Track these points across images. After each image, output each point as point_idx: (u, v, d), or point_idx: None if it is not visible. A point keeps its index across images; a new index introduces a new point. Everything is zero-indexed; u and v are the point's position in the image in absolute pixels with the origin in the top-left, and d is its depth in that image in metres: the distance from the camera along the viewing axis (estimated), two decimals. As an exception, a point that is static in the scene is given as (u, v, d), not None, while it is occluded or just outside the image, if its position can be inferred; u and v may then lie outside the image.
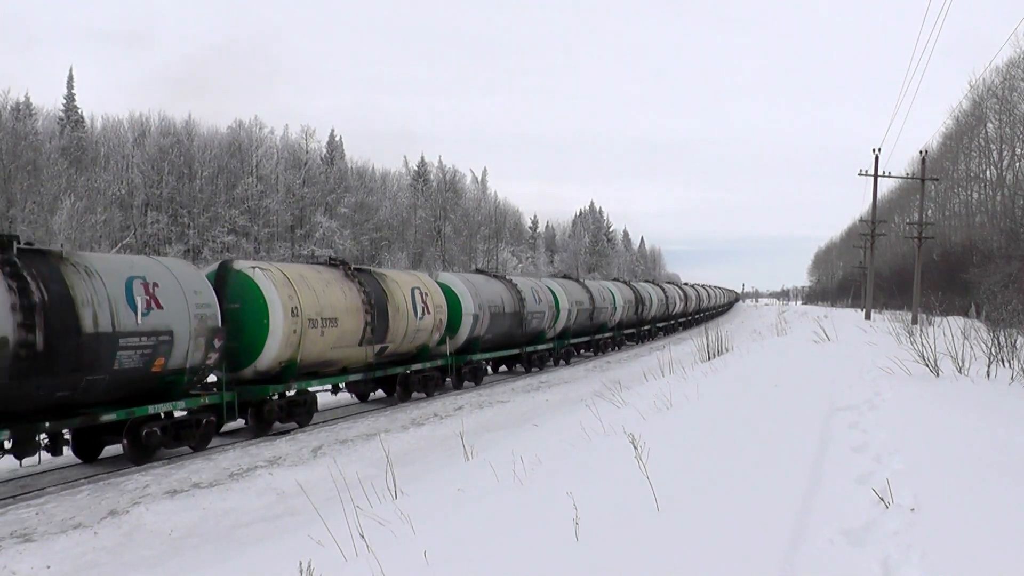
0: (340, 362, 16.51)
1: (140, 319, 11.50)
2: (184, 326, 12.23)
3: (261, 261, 16.65)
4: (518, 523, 5.52)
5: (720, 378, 13.90)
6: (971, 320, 25.02)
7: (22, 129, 54.66)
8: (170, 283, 12.28)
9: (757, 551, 4.09)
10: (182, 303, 12.31)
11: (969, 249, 46.44)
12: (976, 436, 7.02)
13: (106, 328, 10.93)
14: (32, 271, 10.21)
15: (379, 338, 17.28)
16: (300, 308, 14.70)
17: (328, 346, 15.65)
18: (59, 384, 10.46)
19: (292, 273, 15.27)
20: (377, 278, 18.23)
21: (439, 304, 19.96)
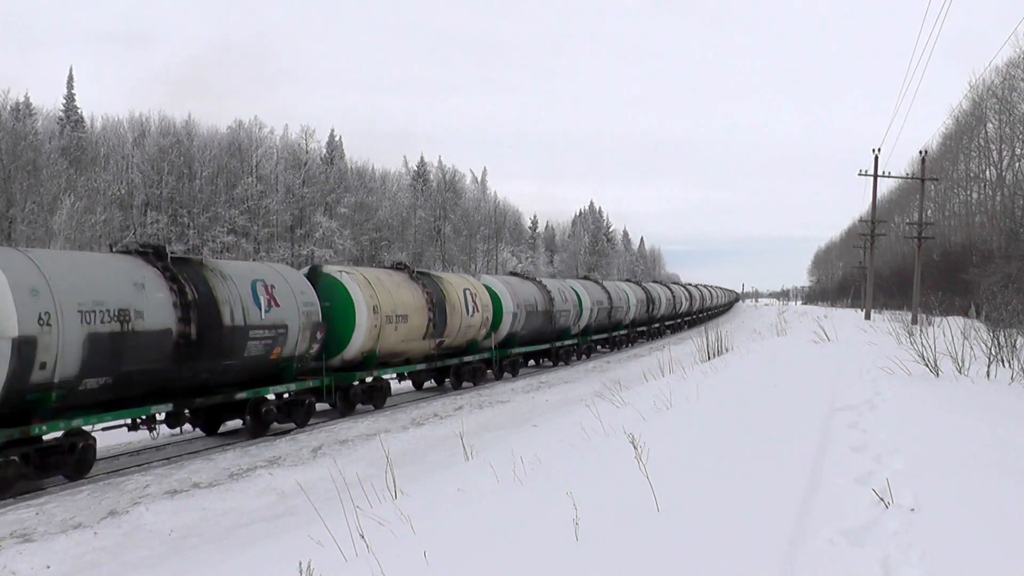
0: (407, 353, 19.00)
1: (263, 315, 13.78)
2: (296, 321, 14.57)
3: (346, 266, 19.56)
4: (518, 523, 5.52)
5: (720, 378, 13.91)
6: (971, 320, 25.03)
7: (22, 129, 54.66)
8: (283, 285, 14.62)
9: (757, 551, 4.09)
10: (293, 302, 14.65)
11: (969, 249, 46.46)
12: (976, 436, 7.02)
13: (240, 322, 13.23)
14: (184, 275, 12.47)
15: (439, 333, 19.81)
16: (379, 306, 17.17)
17: (400, 339, 18.13)
18: (205, 367, 12.71)
19: (371, 276, 17.89)
20: (436, 280, 20.73)
21: (486, 303, 22.55)
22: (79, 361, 10.37)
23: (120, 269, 11.72)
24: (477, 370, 22.30)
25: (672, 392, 11.52)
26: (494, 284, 24.12)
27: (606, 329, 34.84)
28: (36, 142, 55.32)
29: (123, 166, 65.35)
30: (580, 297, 30.63)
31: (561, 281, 31.63)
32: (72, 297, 10.37)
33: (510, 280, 25.54)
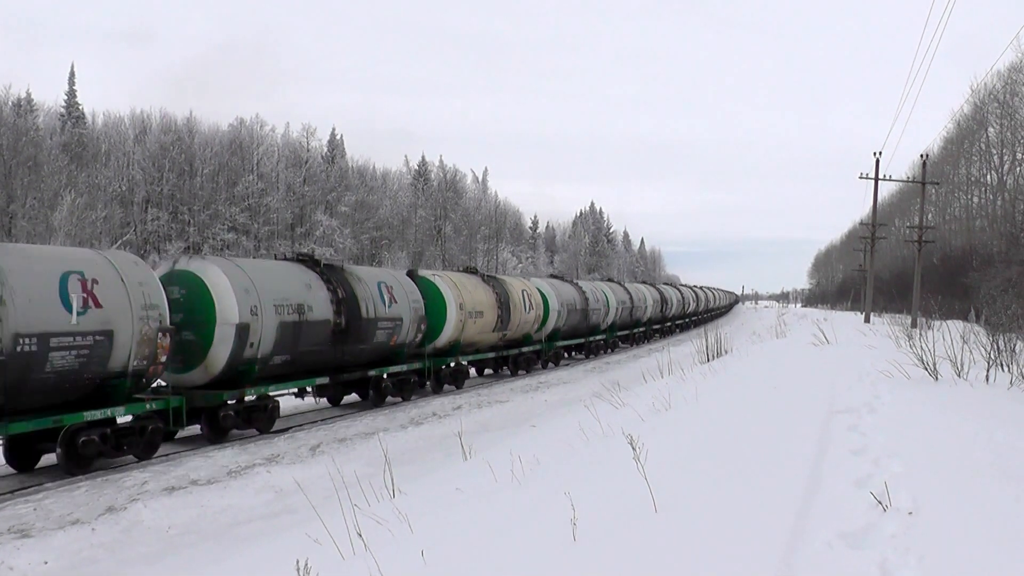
0: (480, 344, 22.70)
1: (387, 310, 17.35)
2: (408, 315, 18.17)
3: (440, 271, 22.79)
4: (516, 523, 5.51)
5: (719, 380, 13.90)
6: (970, 324, 25.02)
7: (23, 125, 54.64)
8: (399, 286, 18.32)
9: (755, 553, 4.09)
10: (406, 300, 18.28)
11: (969, 253, 46.44)
12: (974, 440, 7.02)
13: (371, 315, 16.81)
14: (335, 278, 16.05)
15: (504, 327, 23.51)
16: (464, 304, 20.85)
17: (476, 331, 21.87)
18: (349, 350, 16.24)
19: (455, 278, 21.63)
20: (501, 282, 24.28)
21: (538, 302, 26.20)
22: (273, 342, 13.99)
23: (296, 273, 15.31)
24: (530, 360, 26.16)
25: (671, 393, 11.52)
26: (542, 286, 27.88)
27: (628, 326, 38.71)
28: (37, 138, 55.28)
29: (124, 163, 65.32)
30: (608, 297, 34.47)
31: (593, 283, 35.58)
32: (269, 295, 13.97)
33: (554, 282, 29.84)
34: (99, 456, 11.25)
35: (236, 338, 13.16)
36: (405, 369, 18.39)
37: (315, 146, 78.57)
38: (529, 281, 27.34)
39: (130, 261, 12.09)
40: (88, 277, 10.91)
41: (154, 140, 67.02)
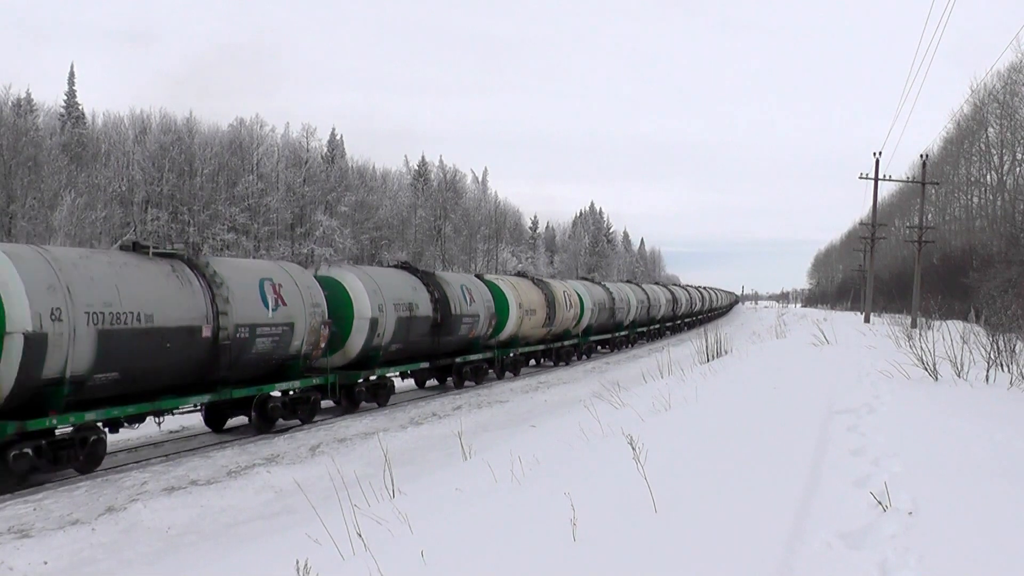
0: (531, 338, 26.18)
1: (468, 307, 20.92)
2: (483, 312, 21.77)
3: (500, 275, 26.55)
4: (515, 523, 5.52)
5: (719, 380, 13.91)
6: (970, 324, 25.02)
7: (23, 125, 54.63)
8: (476, 289, 21.97)
9: (755, 553, 4.09)
10: (481, 300, 21.97)
11: (969, 253, 46.44)
12: (974, 440, 7.03)
13: (457, 312, 20.27)
14: (431, 282, 19.78)
15: (551, 323, 27.00)
16: (522, 303, 24.41)
17: (530, 327, 25.42)
18: (443, 340, 19.72)
19: (514, 281, 25.44)
20: (548, 284, 27.95)
21: (576, 301, 29.63)
22: (392, 333, 17.42)
23: (405, 278, 19.00)
24: (569, 352, 29.65)
25: (671, 394, 11.53)
26: (578, 287, 31.36)
27: (645, 323, 42.36)
28: (37, 138, 55.28)
29: (124, 163, 65.29)
30: (630, 297, 38.20)
31: (618, 284, 39.98)
32: (390, 295, 17.48)
33: (587, 284, 33.71)
34: (279, 419, 14.72)
35: (369, 329, 16.72)
36: (479, 358, 21.97)
37: (315, 146, 78.57)
38: (567, 283, 30.98)
39: (299, 270, 15.84)
40: (276, 282, 14.39)
41: (154, 140, 66.99)
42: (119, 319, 11.02)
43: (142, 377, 11.68)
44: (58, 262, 10.63)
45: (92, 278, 10.92)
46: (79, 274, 10.77)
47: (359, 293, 16.71)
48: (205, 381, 12.91)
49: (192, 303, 12.37)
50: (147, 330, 11.44)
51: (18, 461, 10.15)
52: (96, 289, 10.83)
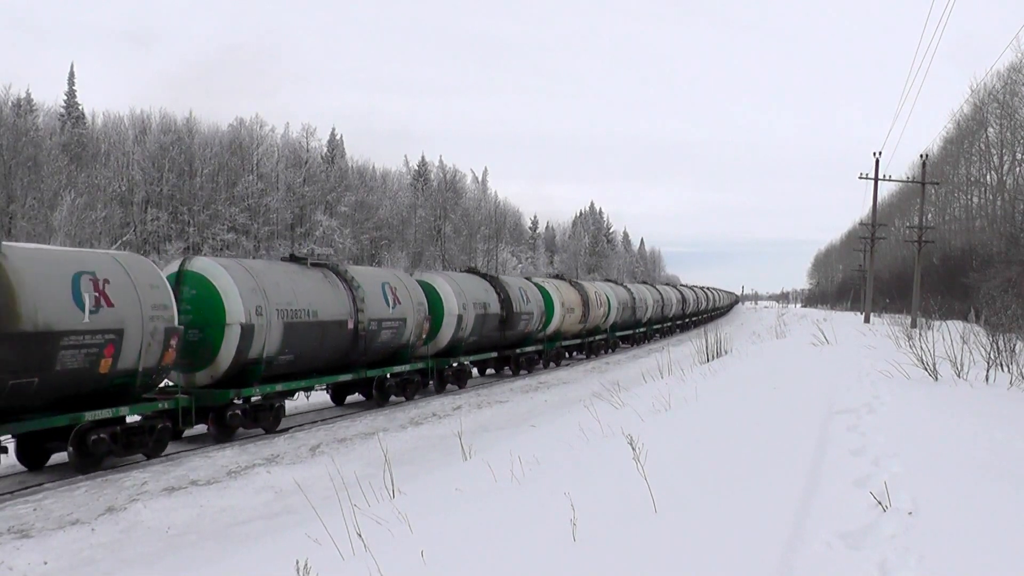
0: (570, 333, 29.71)
1: (524, 306, 24.41)
2: (536, 310, 25.45)
3: (545, 278, 30.07)
4: (515, 524, 5.52)
5: (719, 380, 13.91)
6: (970, 324, 25.02)
7: (23, 125, 54.62)
8: (530, 290, 25.73)
9: (754, 553, 4.09)
10: (534, 299, 25.59)
11: (969, 253, 46.44)
12: (974, 440, 7.02)
13: (518, 310, 23.88)
14: (498, 283, 23.43)
15: (586, 319, 30.86)
16: (564, 303, 28.30)
17: (570, 323, 29.20)
18: (507, 334, 23.48)
19: (557, 283, 29.17)
20: (583, 285, 31.92)
21: (604, 300, 33.71)
22: (470, 328, 20.96)
23: (478, 281, 22.63)
24: (600, 346, 33.88)
25: (671, 394, 11.53)
26: (605, 288, 35.34)
27: (659, 321, 46.90)
28: (37, 138, 55.26)
29: (124, 163, 65.29)
30: (647, 297, 42.68)
31: (636, 285, 44.15)
32: (469, 297, 21.03)
33: (612, 285, 38.22)
34: (392, 396, 17.75)
35: (456, 324, 20.18)
36: (532, 349, 25.75)
37: (315, 146, 78.58)
38: (596, 284, 35.04)
39: (407, 275, 19.48)
40: (393, 285, 17.76)
41: (154, 140, 66.98)
42: (297, 314, 14.45)
43: (309, 359, 15.17)
44: (254, 270, 14.11)
45: (277, 283, 14.31)
46: (268, 280, 14.11)
47: (447, 294, 20.25)
48: (346, 363, 16.36)
49: (341, 302, 15.87)
50: (314, 323, 14.93)
51: (233, 419, 13.47)
52: (281, 292, 14.25)
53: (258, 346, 13.59)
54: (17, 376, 9.59)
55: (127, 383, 11.30)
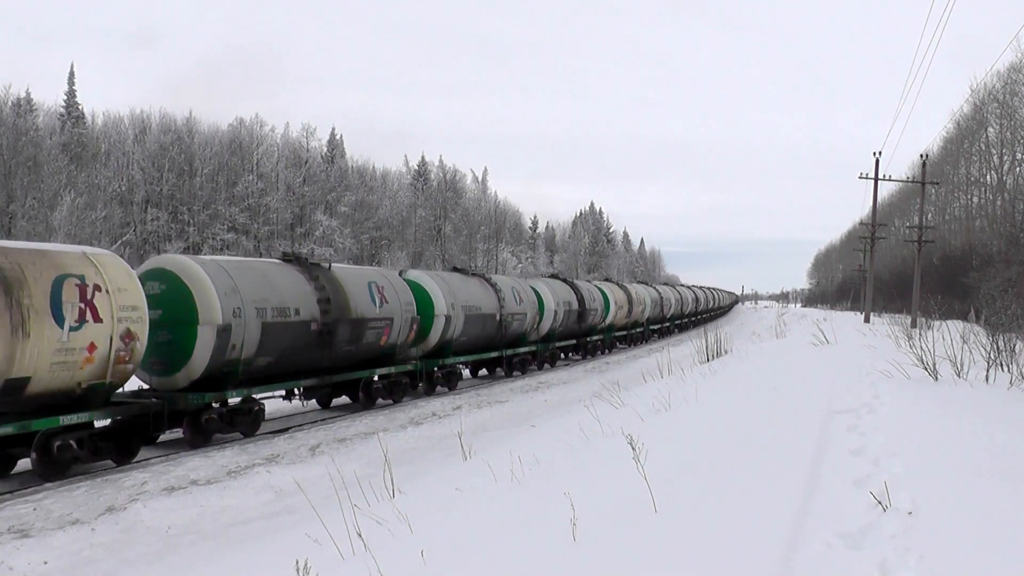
0: (617, 326, 36.02)
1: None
2: (600, 306, 31.16)
3: (602, 281, 37.76)
4: (516, 523, 5.52)
5: (719, 380, 13.91)
6: (970, 324, 25.01)
7: (23, 125, 54.62)
8: (589, 291, 31.90)
9: (754, 553, 4.09)
10: (597, 299, 31.61)
11: (969, 253, 46.44)
12: (974, 440, 7.02)
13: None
14: (573, 284, 30.80)
15: (630, 315, 37.79)
16: (617, 300, 35.23)
17: (619, 318, 35.91)
18: (578, 328, 29.96)
19: (609, 285, 36.80)
20: (627, 286, 39.60)
21: (643, 299, 40.37)
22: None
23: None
24: (639, 337, 40.70)
25: (671, 393, 11.53)
26: (639, 289, 41.59)
27: (679, 317, 53.04)
28: (37, 138, 55.27)
29: (124, 163, 65.32)
30: (670, 296, 49.00)
31: (661, 286, 51.26)
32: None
33: (644, 286, 44.91)
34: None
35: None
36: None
37: (315, 146, 78.62)
38: (635, 286, 41.70)
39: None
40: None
41: (154, 140, 67.01)
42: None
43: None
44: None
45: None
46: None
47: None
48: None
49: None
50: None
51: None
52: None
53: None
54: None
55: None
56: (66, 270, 10.47)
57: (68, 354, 10.32)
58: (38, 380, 10.03)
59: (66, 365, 10.31)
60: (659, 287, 50.81)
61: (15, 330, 9.61)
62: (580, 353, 31.83)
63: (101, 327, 10.70)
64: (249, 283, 13.55)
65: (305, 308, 14.61)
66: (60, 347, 10.17)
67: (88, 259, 10.97)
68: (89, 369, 10.65)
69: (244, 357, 13.15)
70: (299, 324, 14.25)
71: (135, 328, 11.21)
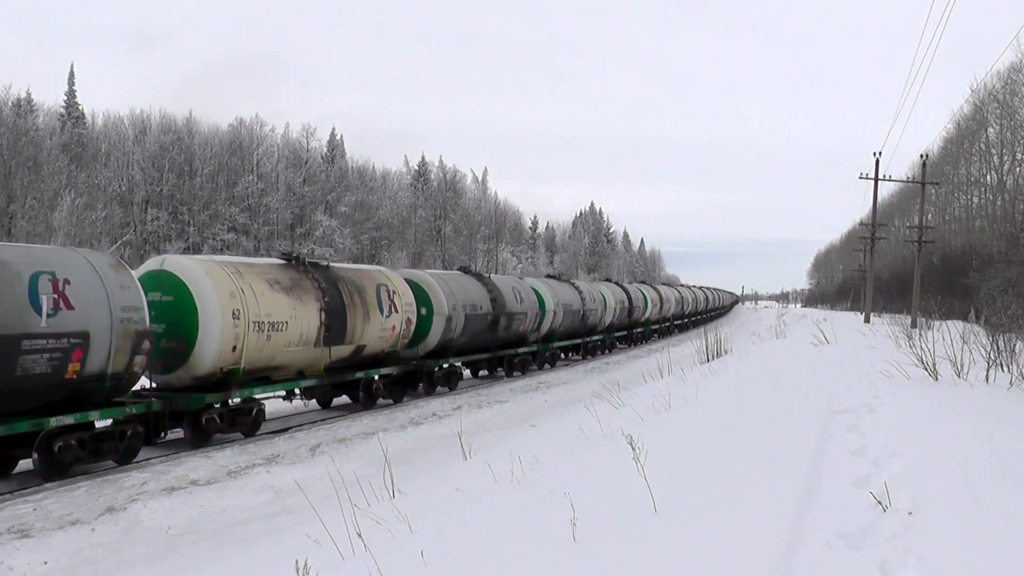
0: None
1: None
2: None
3: (639, 284, 44.40)
4: (516, 523, 5.52)
5: (719, 380, 13.91)
6: (970, 324, 25.02)
7: (23, 125, 54.63)
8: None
9: (754, 553, 4.09)
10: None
11: (969, 253, 46.44)
12: (974, 440, 7.02)
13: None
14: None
15: (660, 312, 43.99)
16: (652, 300, 43.22)
17: (655, 313, 43.90)
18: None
19: (645, 286, 44.96)
20: (658, 288, 45.38)
21: (668, 298, 47.11)
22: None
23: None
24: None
25: (671, 394, 11.53)
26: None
27: (677, 317, 55.31)
28: (37, 138, 55.28)
29: (124, 163, 65.34)
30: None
31: (664, 286, 55.69)
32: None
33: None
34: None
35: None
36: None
37: (315, 146, 78.64)
38: (660, 287, 48.58)
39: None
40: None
41: (154, 140, 67.03)
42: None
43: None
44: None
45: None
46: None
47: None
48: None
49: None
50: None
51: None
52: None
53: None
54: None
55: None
56: (379, 281, 17.62)
57: (383, 331, 17.25)
58: (370, 347, 16.97)
59: (382, 339, 17.29)
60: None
61: (364, 317, 16.41)
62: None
63: (398, 316, 17.71)
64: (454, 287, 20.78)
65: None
66: (380, 327, 17.05)
67: (385, 275, 18.28)
68: (391, 341, 17.65)
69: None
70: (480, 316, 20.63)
71: (412, 318, 18.35)
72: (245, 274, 13.79)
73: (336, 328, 15.54)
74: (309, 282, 15.20)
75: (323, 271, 16.04)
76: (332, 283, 15.87)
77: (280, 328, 14.05)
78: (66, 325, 10.22)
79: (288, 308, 14.29)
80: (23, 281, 9.82)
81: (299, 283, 14.94)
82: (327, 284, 15.63)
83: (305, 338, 14.70)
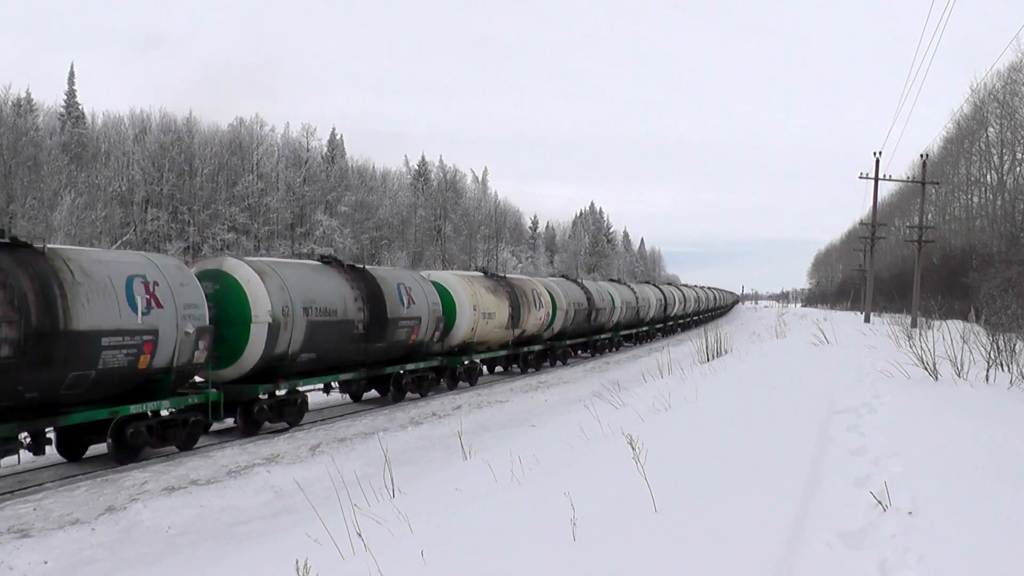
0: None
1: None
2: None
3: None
4: (516, 523, 5.52)
5: (719, 380, 13.90)
6: (970, 324, 24.99)
7: (23, 125, 54.60)
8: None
9: (754, 553, 4.09)
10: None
11: (969, 253, 46.43)
12: (974, 440, 7.02)
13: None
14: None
15: (685, 309, 52.90)
16: (676, 299, 52.14)
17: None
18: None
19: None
20: (681, 288, 55.09)
21: (688, 297, 55.25)
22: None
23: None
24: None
25: (671, 393, 11.52)
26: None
27: (679, 317, 56.61)
28: (37, 138, 55.25)
29: (124, 163, 65.29)
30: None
31: (667, 285, 56.81)
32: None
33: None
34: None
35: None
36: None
37: (315, 146, 78.57)
38: (678, 287, 51.35)
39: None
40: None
41: (154, 140, 66.96)
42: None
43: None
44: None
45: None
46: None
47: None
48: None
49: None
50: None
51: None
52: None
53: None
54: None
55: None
56: (529, 287, 25.24)
57: (537, 319, 25.43)
58: (529, 331, 25.01)
59: (537, 325, 25.29)
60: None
61: (525, 309, 24.30)
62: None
63: (540, 312, 25.51)
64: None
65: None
66: (536, 319, 25.02)
67: (533, 283, 25.66)
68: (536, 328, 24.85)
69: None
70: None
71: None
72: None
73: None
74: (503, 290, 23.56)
75: (503, 281, 23.66)
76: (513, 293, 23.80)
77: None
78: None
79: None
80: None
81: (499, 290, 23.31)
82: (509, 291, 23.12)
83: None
